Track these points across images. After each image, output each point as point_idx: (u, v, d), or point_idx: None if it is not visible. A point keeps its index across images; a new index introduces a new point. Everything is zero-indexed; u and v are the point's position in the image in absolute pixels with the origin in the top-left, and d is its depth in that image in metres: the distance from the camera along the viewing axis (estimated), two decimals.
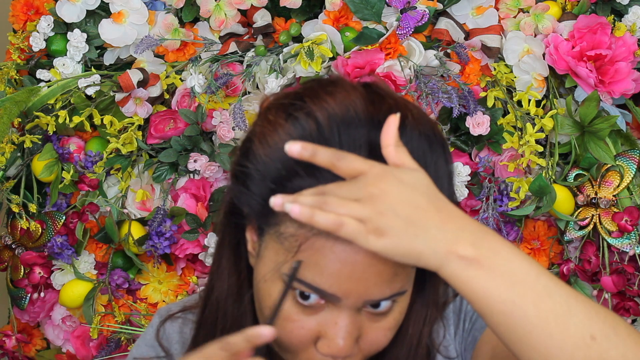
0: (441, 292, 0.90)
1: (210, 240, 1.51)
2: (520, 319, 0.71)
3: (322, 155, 0.73)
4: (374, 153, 0.76)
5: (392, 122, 0.75)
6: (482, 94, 1.48)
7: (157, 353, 0.97)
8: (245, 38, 1.54)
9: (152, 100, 1.54)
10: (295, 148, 0.73)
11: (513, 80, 1.48)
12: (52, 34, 1.57)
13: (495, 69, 1.49)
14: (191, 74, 1.52)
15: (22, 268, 1.59)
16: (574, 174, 1.49)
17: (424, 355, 0.90)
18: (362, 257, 0.75)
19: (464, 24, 1.51)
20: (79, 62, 1.56)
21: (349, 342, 0.78)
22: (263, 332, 0.74)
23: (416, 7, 1.46)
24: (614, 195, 1.47)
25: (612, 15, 1.51)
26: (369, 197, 0.71)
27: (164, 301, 1.58)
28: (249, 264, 0.86)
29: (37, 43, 1.56)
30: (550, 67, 1.47)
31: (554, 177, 1.48)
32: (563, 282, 0.73)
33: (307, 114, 0.77)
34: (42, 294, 1.60)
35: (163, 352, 0.96)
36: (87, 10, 1.56)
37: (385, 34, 1.47)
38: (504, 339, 0.73)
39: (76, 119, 1.53)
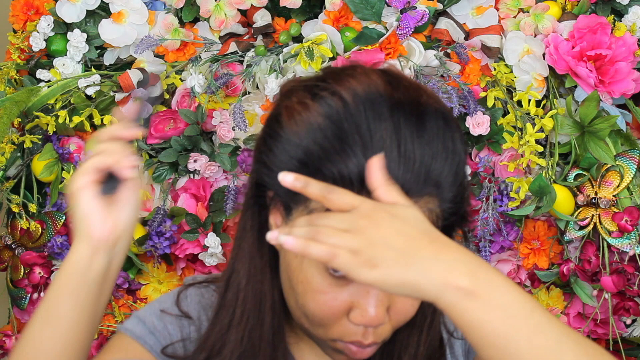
0: None
1: (210, 240, 1.51)
2: (513, 354, 0.71)
3: (314, 188, 0.74)
4: (398, 126, 0.78)
5: (375, 164, 0.76)
6: (482, 94, 1.48)
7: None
8: (245, 38, 1.54)
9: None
10: (288, 178, 0.75)
11: (513, 80, 1.48)
12: (52, 34, 1.57)
13: (495, 69, 1.49)
14: (191, 74, 1.52)
15: (22, 268, 1.59)
16: (574, 174, 1.49)
17: (436, 337, 0.93)
18: None
19: (464, 24, 1.51)
20: (79, 62, 1.56)
21: (380, 311, 0.81)
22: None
23: (416, 7, 1.46)
24: (614, 195, 1.47)
25: (612, 15, 1.51)
26: (361, 228, 0.72)
27: None
28: (271, 248, 0.88)
29: (37, 43, 1.56)
30: (550, 67, 1.47)
31: (554, 177, 1.48)
32: (555, 317, 0.74)
33: (332, 93, 0.80)
34: (42, 294, 1.60)
35: (181, 313, 0.97)
36: (87, 10, 1.56)
37: (385, 34, 1.47)
38: None
39: (76, 119, 1.53)
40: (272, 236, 0.73)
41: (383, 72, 0.84)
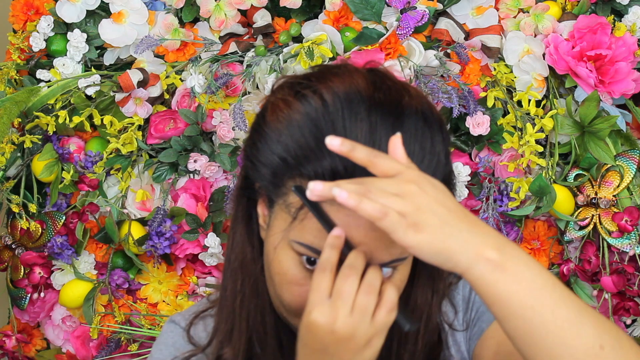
0: None
1: (210, 240, 1.51)
2: (537, 325, 0.74)
3: (360, 152, 0.76)
4: (374, 127, 0.79)
5: (396, 142, 0.78)
6: (482, 94, 1.48)
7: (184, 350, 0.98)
8: (245, 38, 1.54)
9: (152, 100, 1.54)
10: (335, 142, 0.75)
11: (513, 80, 1.48)
12: (52, 34, 1.57)
13: (495, 69, 1.49)
14: (191, 74, 1.52)
15: (22, 268, 1.59)
16: (574, 174, 1.49)
17: (435, 331, 0.94)
18: (364, 222, 0.78)
19: (464, 24, 1.51)
20: (79, 62, 1.56)
21: None
22: (337, 232, 0.78)
23: (416, 7, 1.46)
24: (614, 195, 1.47)
25: (612, 15, 1.51)
26: (409, 193, 0.74)
27: (163, 301, 1.58)
28: (260, 237, 0.90)
29: (37, 43, 1.56)
30: (550, 67, 1.47)
31: (554, 177, 1.48)
32: (574, 293, 0.77)
33: (314, 91, 0.81)
34: (42, 294, 1.60)
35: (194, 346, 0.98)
36: (87, 10, 1.56)
37: (385, 34, 1.47)
38: (518, 342, 0.76)
39: (76, 119, 1.53)
40: (315, 187, 0.74)
41: (370, 72, 0.84)
